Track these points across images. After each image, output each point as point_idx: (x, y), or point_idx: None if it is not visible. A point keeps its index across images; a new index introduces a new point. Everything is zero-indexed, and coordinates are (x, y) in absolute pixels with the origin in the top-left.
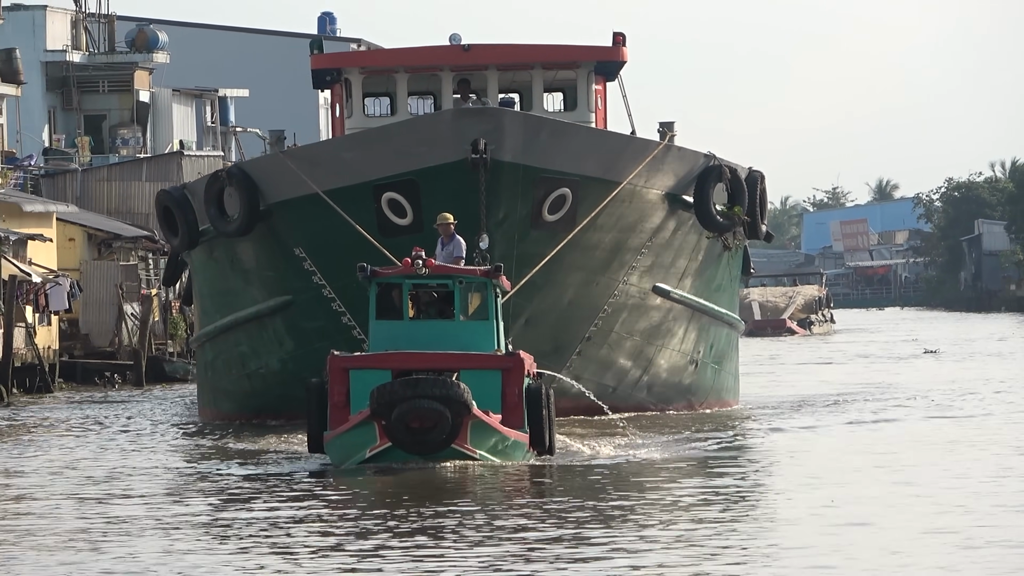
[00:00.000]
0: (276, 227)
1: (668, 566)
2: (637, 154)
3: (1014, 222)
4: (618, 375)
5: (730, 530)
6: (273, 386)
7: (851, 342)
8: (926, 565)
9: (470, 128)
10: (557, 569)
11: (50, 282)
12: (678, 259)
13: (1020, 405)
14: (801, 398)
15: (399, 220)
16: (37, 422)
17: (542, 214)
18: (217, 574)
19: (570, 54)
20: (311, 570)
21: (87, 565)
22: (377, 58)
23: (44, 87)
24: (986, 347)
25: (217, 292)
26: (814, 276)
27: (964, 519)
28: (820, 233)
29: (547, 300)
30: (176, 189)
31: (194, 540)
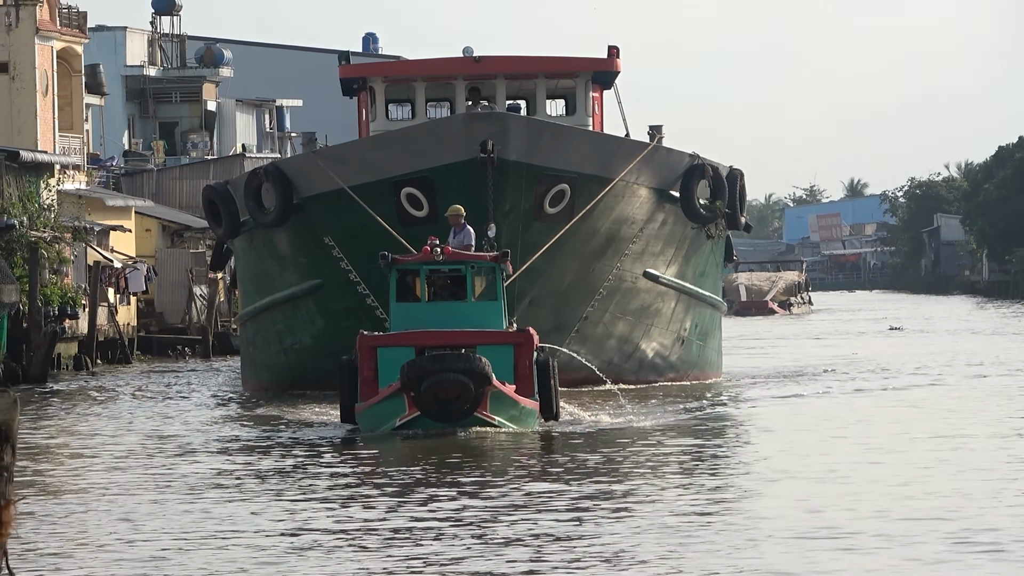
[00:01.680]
0: (308, 219)
1: (667, 507)
2: (629, 154)
3: (968, 216)
4: (612, 350)
5: (715, 481)
6: (306, 360)
7: (826, 320)
8: (881, 509)
9: (479, 131)
10: (572, 518)
11: (129, 267)
12: (666, 247)
13: (969, 374)
14: (780, 370)
15: (416, 212)
16: (112, 388)
17: (544, 207)
18: (262, 513)
19: (570, 65)
20: (354, 519)
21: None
22: (398, 68)
23: (124, 98)
24: (944, 324)
25: (256, 276)
26: (794, 263)
27: (920, 472)
28: (799, 225)
29: (548, 283)
30: (220, 185)
31: (237, 493)
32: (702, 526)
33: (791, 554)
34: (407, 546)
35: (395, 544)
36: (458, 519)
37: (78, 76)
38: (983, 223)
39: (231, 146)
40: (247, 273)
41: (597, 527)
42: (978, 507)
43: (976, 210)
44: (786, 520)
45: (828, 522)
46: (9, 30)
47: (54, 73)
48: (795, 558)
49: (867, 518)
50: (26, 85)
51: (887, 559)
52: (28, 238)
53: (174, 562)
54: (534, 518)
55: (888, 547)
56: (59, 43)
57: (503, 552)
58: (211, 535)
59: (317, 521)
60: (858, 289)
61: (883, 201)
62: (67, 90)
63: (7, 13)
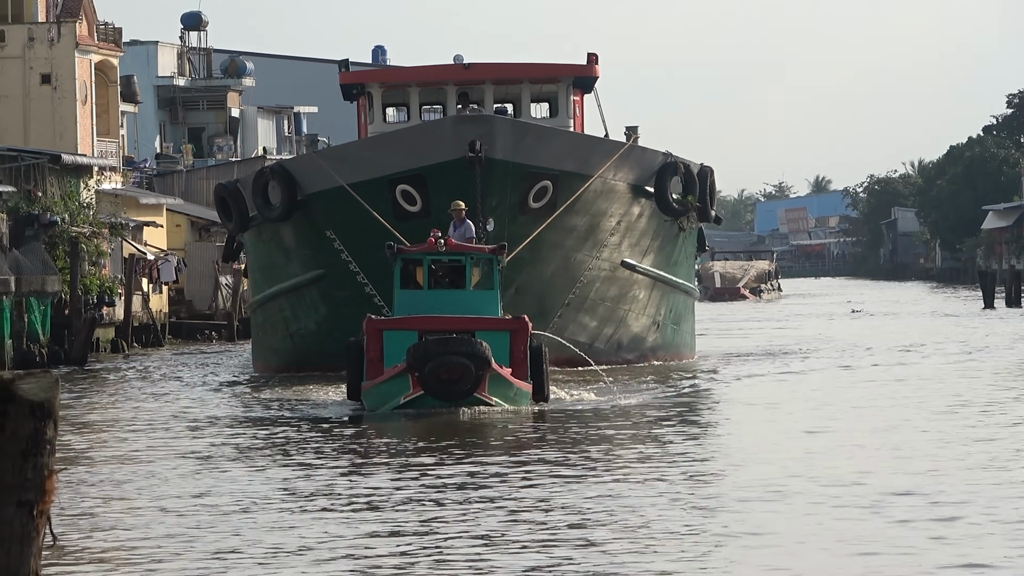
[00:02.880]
0: (311, 214)
1: (650, 469)
2: (607, 153)
3: (922, 209)
4: (592, 334)
5: (693, 449)
6: (310, 344)
7: (794, 304)
8: (841, 467)
9: (468, 132)
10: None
11: (161, 259)
12: (642, 239)
13: (917, 354)
14: (750, 351)
15: (410, 208)
16: (143, 368)
17: (528, 202)
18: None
19: (552, 71)
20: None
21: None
22: (393, 75)
23: (156, 105)
24: (901, 308)
25: (264, 267)
26: (765, 253)
27: (870, 435)
28: (769, 218)
29: (533, 273)
30: (231, 183)
31: (256, 462)
32: (680, 490)
33: (765, 514)
34: (412, 511)
35: (404, 510)
36: (463, 486)
37: (114, 86)
38: (936, 215)
39: (253, 149)
40: (256, 264)
41: (579, 492)
42: (922, 465)
43: (930, 204)
44: (752, 483)
45: (792, 485)
46: (51, 45)
47: (92, 84)
48: (769, 518)
49: (829, 479)
50: (67, 95)
51: (842, 513)
52: (69, 233)
53: (195, 523)
54: (528, 485)
55: (843, 505)
56: (97, 56)
57: (504, 517)
58: (231, 500)
59: (324, 485)
60: (823, 276)
61: (845, 196)
62: (104, 99)
63: (49, 29)
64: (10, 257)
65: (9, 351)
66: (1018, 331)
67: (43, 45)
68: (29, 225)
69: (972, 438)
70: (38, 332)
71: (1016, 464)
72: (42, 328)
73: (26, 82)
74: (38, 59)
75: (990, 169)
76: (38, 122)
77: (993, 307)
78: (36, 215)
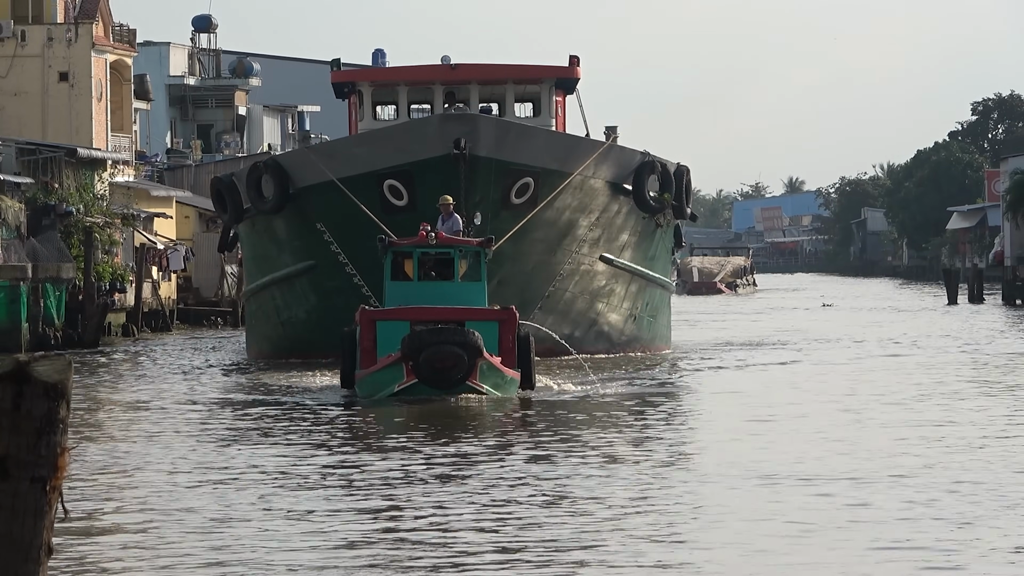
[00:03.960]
0: (302, 207)
1: (629, 453)
2: (586, 151)
3: (891, 210)
4: (572, 325)
5: (669, 433)
6: (300, 332)
7: (768, 298)
8: (801, 453)
9: (453, 130)
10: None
11: (170, 248)
12: (620, 235)
13: (887, 346)
14: (724, 343)
15: (397, 202)
16: (149, 352)
17: (510, 198)
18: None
19: (535, 72)
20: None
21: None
22: (383, 74)
23: (167, 103)
24: (869, 302)
25: (258, 257)
26: (742, 249)
27: (834, 424)
28: (746, 216)
29: (515, 266)
30: (226, 176)
31: (249, 441)
32: (657, 471)
33: (734, 491)
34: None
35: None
36: (453, 464)
37: (128, 84)
38: (904, 216)
39: (259, 145)
40: (250, 254)
41: (566, 471)
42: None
43: (898, 205)
44: (723, 465)
45: (761, 468)
46: (69, 44)
47: (107, 82)
48: (737, 495)
49: (790, 462)
50: (83, 92)
51: (807, 493)
52: (84, 223)
53: (195, 495)
54: (516, 466)
55: (807, 485)
56: (112, 56)
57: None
58: (236, 477)
59: (316, 461)
60: (796, 272)
61: (818, 196)
62: (118, 96)
63: (68, 30)
64: (27, 245)
65: (25, 334)
66: (982, 325)
67: (61, 45)
68: (46, 215)
69: (935, 422)
70: (53, 316)
71: (977, 445)
72: (57, 313)
73: (45, 79)
74: (56, 58)
75: (955, 173)
76: (55, 117)
77: (956, 303)
78: (52, 206)
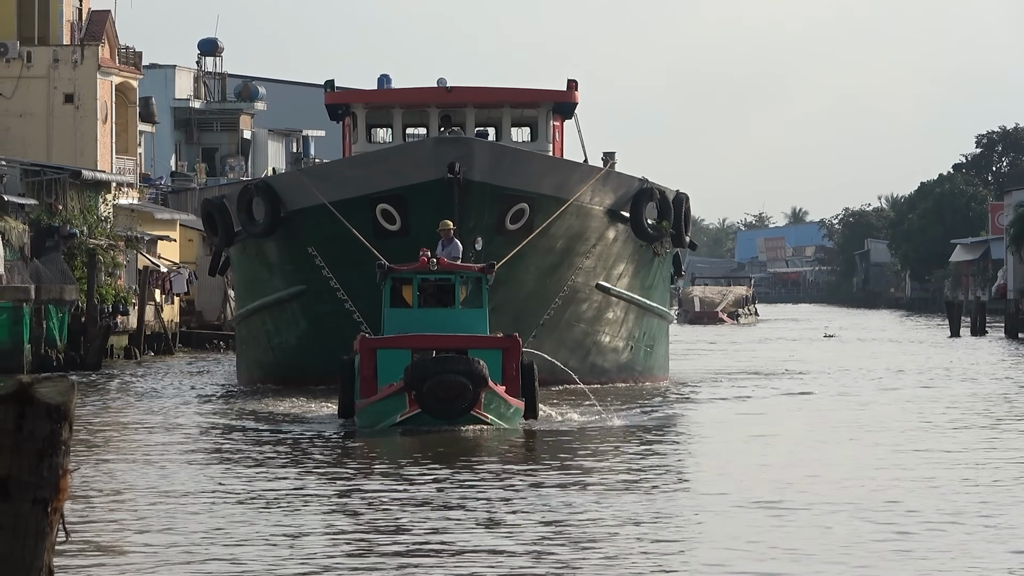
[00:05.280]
0: (293, 230)
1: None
2: (583, 177)
3: (894, 241)
4: (567, 354)
5: (670, 462)
6: (291, 358)
7: (770, 329)
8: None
9: (447, 153)
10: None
11: (173, 271)
12: (617, 263)
13: (891, 378)
14: (725, 373)
15: (390, 226)
16: (145, 376)
17: (505, 223)
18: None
19: (532, 96)
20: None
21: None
22: (377, 96)
23: (172, 126)
24: (871, 334)
25: (248, 281)
26: (743, 279)
27: (831, 453)
28: (749, 246)
29: (509, 292)
30: (217, 198)
31: (250, 468)
32: (657, 500)
33: (731, 519)
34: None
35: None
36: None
37: (133, 107)
38: (907, 248)
39: (263, 169)
40: (241, 278)
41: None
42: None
43: (901, 236)
44: (722, 494)
45: (756, 495)
46: (75, 66)
47: (113, 104)
48: (735, 523)
49: (792, 491)
50: (88, 114)
51: (807, 522)
52: (87, 245)
53: (195, 519)
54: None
55: (807, 515)
56: (117, 78)
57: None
58: (235, 501)
59: (327, 491)
60: (799, 302)
61: (821, 227)
62: (123, 119)
63: (73, 52)
64: (31, 266)
65: (28, 356)
66: (986, 359)
67: (67, 66)
68: (50, 236)
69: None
70: (56, 338)
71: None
72: (59, 334)
73: (50, 101)
74: (62, 79)
75: (959, 205)
76: (60, 139)
77: (959, 335)
78: (56, 227)
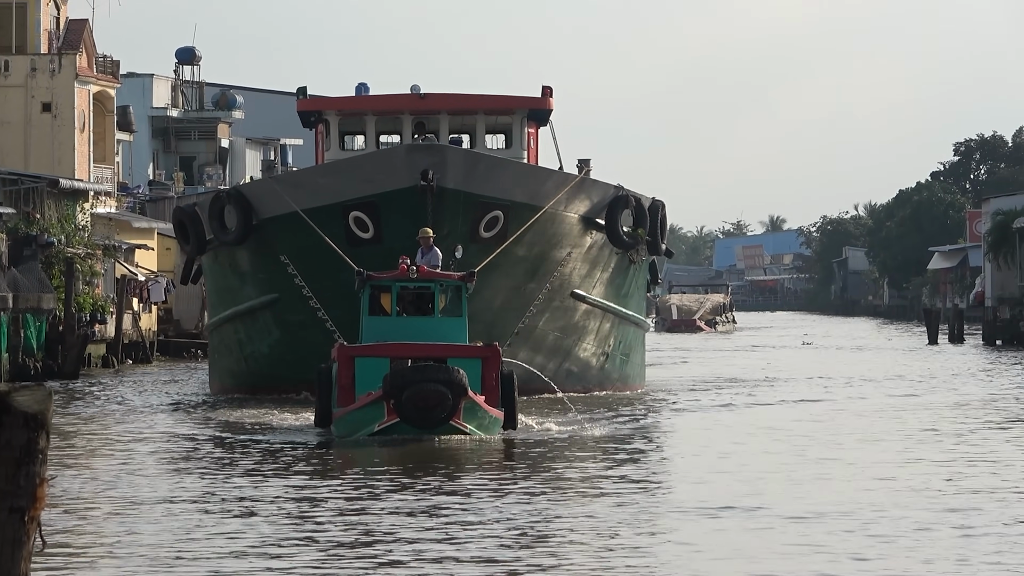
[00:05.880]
0: (265, 238)
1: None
2: (558, 184)
3: (872, 249)
4: (541, 363)
5: (647, 472)
6: (263, 367)
7: (747, 336)
8: (771, 491)
9: (420, 160)
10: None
11: (151, 280)
12: (592, 271)
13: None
14: (702, 381)
15: (363, 234)
16: (119, 384)
17: (479, 231)
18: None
19: (507, 103)
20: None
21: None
22: (350, 103)
23: (150, 135)
24: (849, 342)
25: (221, 290)
26: (721, 286)
27: (805, 461)
28: (727, 254)
29: (483, 301)
30: (188, 206)
31: (228, 478)
32: (630, 512)
33: (699, 523)
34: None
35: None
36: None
37: (111, 116)
38: (885, 255)
39: (241, 178)
40: (213, 287)
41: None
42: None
43: (879, 244)
44: (700, 502)
45: (727, 501)
46: (53, 75)
47: (90, 113)
48: (705, 528)
49: (769, 501)
50: (66, 123)
51: (783, 529)
52: (65, 254)
53: (171, 530)
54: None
55: (784, 522)
56: (95, 87)
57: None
58: (213, 510)
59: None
60: (777, 310)
61: (799, 235)
62: (101, 127)
63: (51, 60)
64: (8, 275)
65: (5, 364)
66: (961, 367)
67: (45, 75)
68: (27, 245)
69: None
70: (33, 347)
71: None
72: (37, 343)
73: (28, 110)
74: (39, 88)
75: (936, 213)
76: (38, 148)
77: (937, 343)
78: (34, 236)
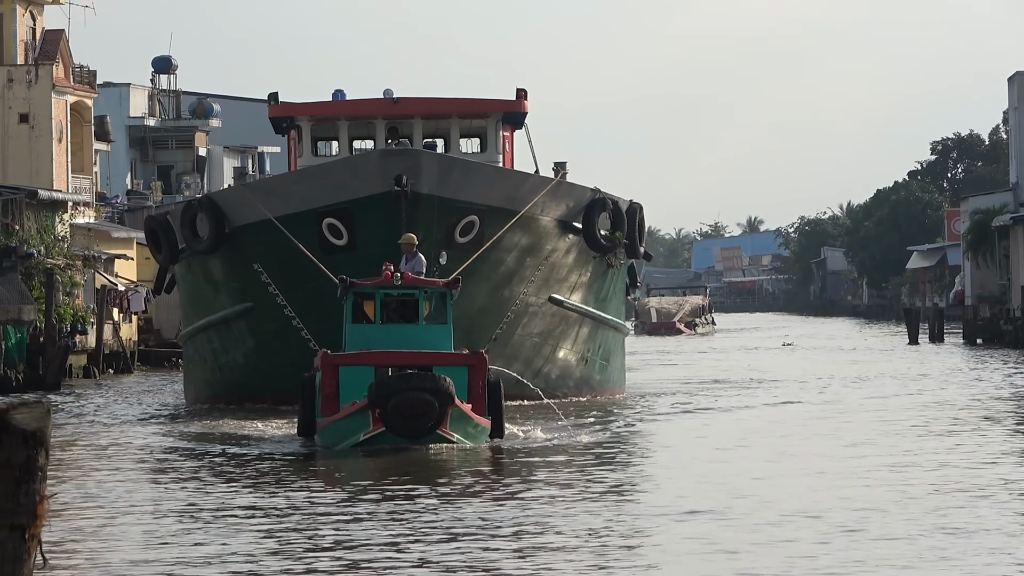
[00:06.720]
0: (239, 246)
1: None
2: (534, 188)
3: (850, 249)
4: (520, 369)
5: (621, 475)
6: (238, 376)
7: (727, 338)
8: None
9: (394, 166)
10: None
11: (131, 290)
12: (570, 275)
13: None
14: (683, 384)
15: (336, 241)
16: (114, 388)
17: (454, 237)
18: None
19: (481, 106)
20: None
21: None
22: (322, 108)
23: (128, 144)
24: (829, 342)
25: (194, 299)
26: (700, 288)
27: (784, 463)
28: (705, 256)
29: (460, 307)
30: (160, 215)
31: (218, 489)
32: (614, 513)
33: (686, 529)
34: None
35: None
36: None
37: (88, 126)
38: (863, 255)
39: (219, 186)
40: (186, 296)
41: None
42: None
43: (857, 244)
44: (683, 506)
45: (705, 505)
46: (29, 86)
47: (68, 123)
48: (688, 532)
49: (753, 504)
50: (43, 133)
51: (762, 529)
52: (44, 265)
53: (166, 544)
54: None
55: (765, 524)
56: (72, 97)
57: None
58: (207, 523)
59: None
60: (756, 311)
61: (777, 236)
62: (79, 137)
63: (28, 71)
64: None
65: None
66: (943, 366)
67: (21, 86)
68: (7, 257)
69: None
70: (15, 358)
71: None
72: (18, 354)
73: (5, 121)
74: (17, 99)
75: (915, 212)
76: (16, 159)
77: (917, 343)
78: (13, 247)
